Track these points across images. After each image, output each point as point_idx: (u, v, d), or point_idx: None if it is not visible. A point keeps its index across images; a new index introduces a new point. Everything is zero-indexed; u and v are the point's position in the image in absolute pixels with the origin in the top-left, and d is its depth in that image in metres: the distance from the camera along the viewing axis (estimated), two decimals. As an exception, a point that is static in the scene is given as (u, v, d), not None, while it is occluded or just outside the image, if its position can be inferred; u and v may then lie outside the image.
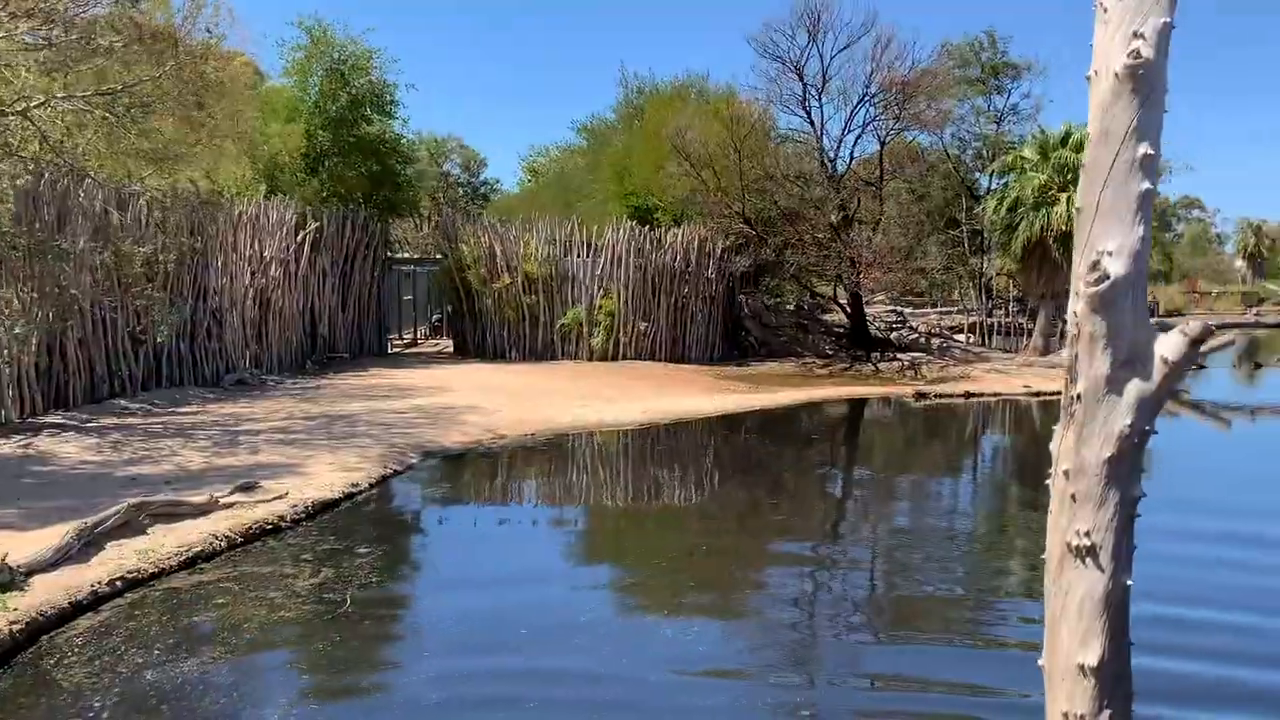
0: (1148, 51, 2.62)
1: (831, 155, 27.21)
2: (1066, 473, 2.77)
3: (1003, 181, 28.66)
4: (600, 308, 26.18)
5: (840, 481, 13.60)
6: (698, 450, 15.68)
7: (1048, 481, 2.88)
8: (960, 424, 19.23)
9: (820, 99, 26.08)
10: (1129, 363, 2.71)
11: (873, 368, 26.32)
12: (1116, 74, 2.66)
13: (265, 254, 21.19)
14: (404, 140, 28.20)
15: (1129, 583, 2.72)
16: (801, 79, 26.17)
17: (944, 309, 33.24)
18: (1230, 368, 30.98)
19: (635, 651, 6.57)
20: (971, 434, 18.45)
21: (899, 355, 27.20)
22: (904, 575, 8.63)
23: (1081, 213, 2.75)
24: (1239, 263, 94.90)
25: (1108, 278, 2.67)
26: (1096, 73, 2.72)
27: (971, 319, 30.12)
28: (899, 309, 31.24)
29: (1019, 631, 6.96)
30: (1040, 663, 2.81)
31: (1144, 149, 2.65)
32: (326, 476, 11.15)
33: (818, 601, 7.99)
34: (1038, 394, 21.76)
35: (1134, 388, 2.71)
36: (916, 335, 28.58)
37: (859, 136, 26.78)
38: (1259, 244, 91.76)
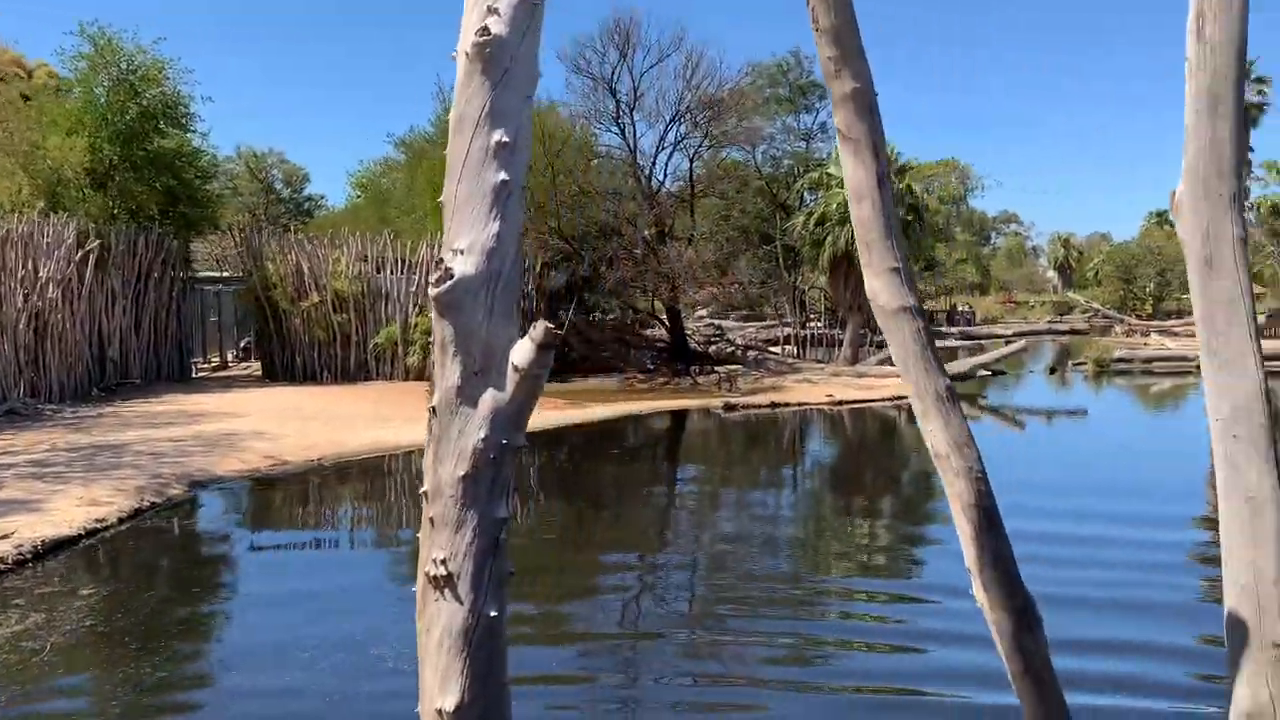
0: (499, 28, 2.42)
1: (646, 171, 27.48)
2: (425, 494, 2.50)
3: (812, 198, 29.57)
4: (416, 325, 25.63)
5: (645, 493, 13.57)
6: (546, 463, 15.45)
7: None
8: (764, 433, 19.63)
9: (633, 115, 26.34)
10: (483, 371, 2.48)
11: (691, 381, 26.66)
12: (467, 53, 2.46)
13: (40, 274, 19.84)
14: (204, 154, 26.96)
15: (494, 614, 2.44)
16: (614, 96, 26.38)
17: (765, 323, 34.06)
18: (1044, 373, 32.76)
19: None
20: (773, 442, 18.83)
21: (717, 368, 27.64)
22: (716, 576, 8.75)
23: (445, 208, 2.53)
24: (1051, 273, 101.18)
25: (451, 277, 2.45)
26: (455, 54, 2.51)
27: (787, 331, 30.92)
28: (717, 323, 31.81)
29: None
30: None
31: (499, 136, 2.43)
32: (69, 513, 10.39)
33: (639, 607, 7.98)
34: (840, 402, 22.45)
35: (489, 398, 2.47)
36: (734, 349, 29.13)
37: (672, 153, 27.19)
38: (1068, 255, 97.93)
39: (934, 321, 57.53)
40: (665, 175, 27.78)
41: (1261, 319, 45.97)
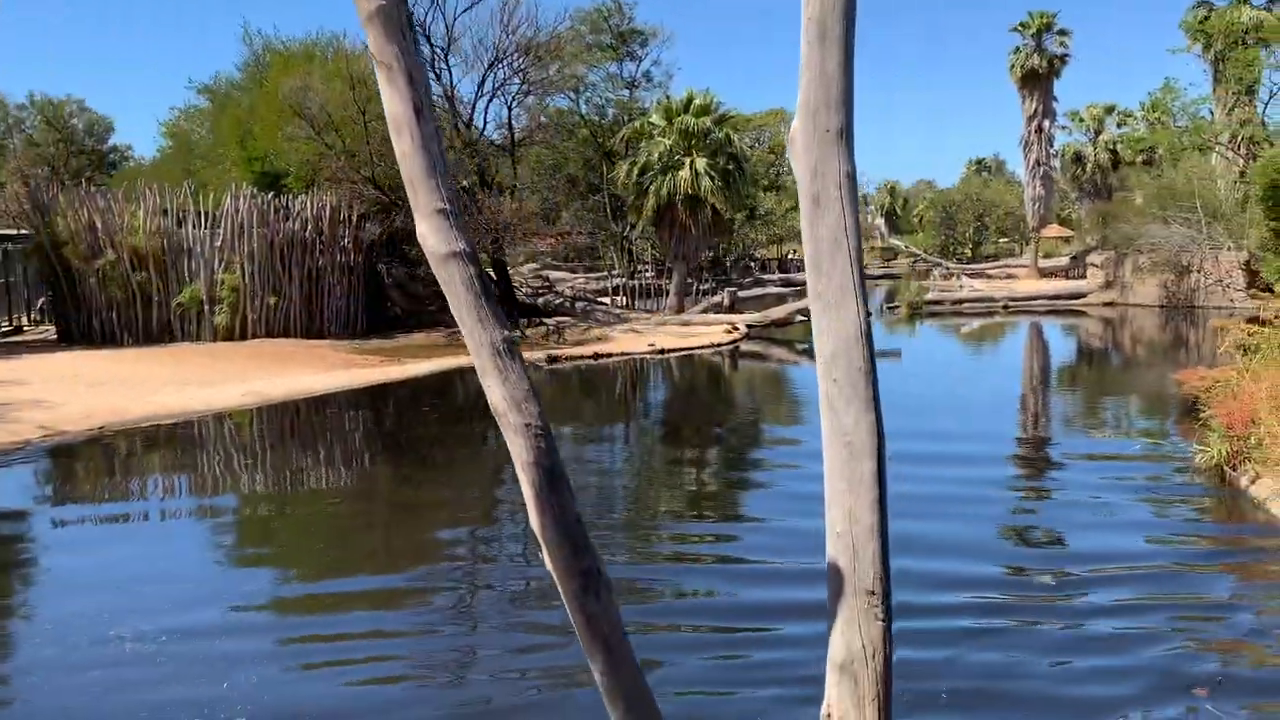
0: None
1: (466, 119, 26.71)
2: None
3: (636, 147, 29.43)
4: (223, 283, 24.32)
5: (462, 449, 13.20)
6: (292, 430, 14.82)
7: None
8: (585, 384, 19.53)
9: (448, 61, 25.49)
10: None
11: (519, 334, 26.32)
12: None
13: None
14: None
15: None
16: (429, 40, 25.43)
17: (596, 275, 33.88)
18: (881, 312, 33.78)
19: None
20: (593, 392, 18.75)
21: (545, 320, 27.37)
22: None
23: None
24: (879, 221, 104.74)
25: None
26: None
27: (616, 282, 30.86)
28: (546, 275, 31.46)
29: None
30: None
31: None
32: None
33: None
34: (662, 351, 22.57)
35: None
36: (562, 301, 28.88)
37: (490, 100, 26.50)
38: (894, 203, 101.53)
39: (764, 270, 58.70)
40: (485, 123, 27.09)
41: (1064, 260, 48.81)
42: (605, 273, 32.21)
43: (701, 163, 27.14)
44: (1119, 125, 55.26)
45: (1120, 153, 54.28)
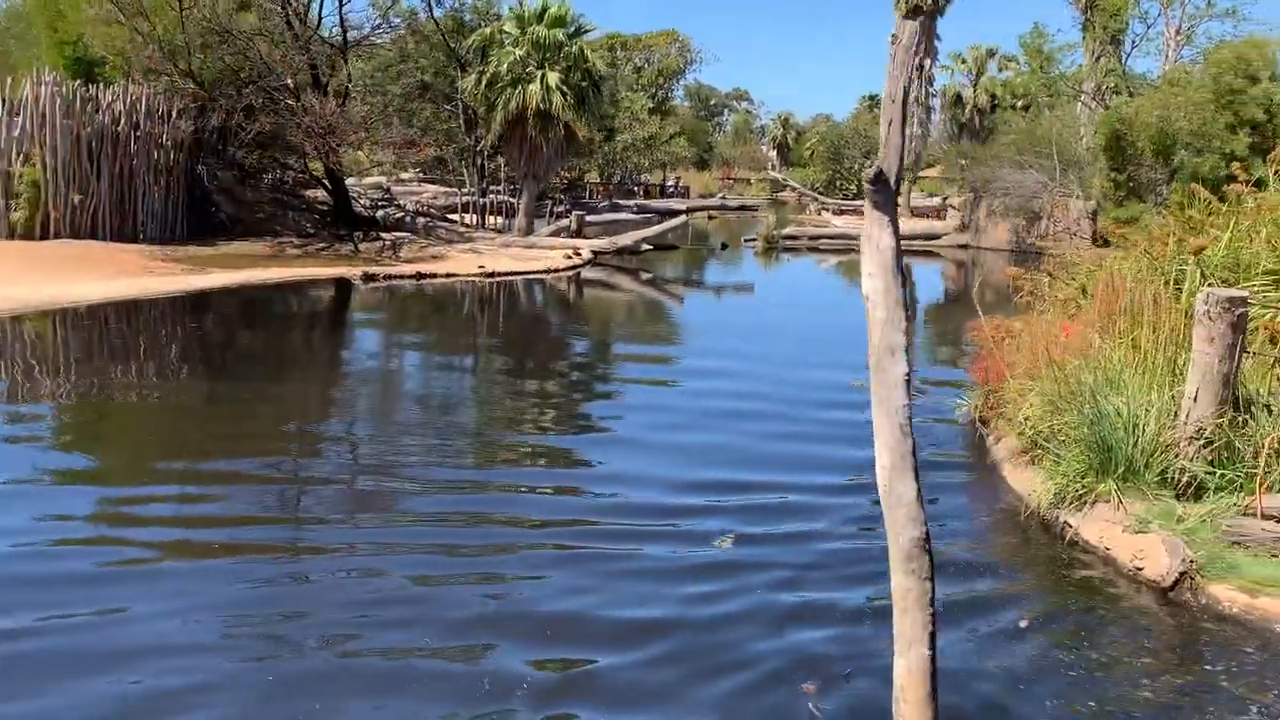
0: None
1: (299, 11, 24.86)
2: None
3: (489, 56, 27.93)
4: (21, 177, 22.29)
5: (166, 382, 12.05)
6: (54, 342, 13.49)
7: None
8: (390, 305, 18.49)
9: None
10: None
11: (353, 248, 24.98)
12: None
13: None
14: None
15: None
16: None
17: (448, 190, 32.43)
18: (717, 249, 33.24)
19: None
20: (399, 315, 17.72)
21: (383, 235, 26.05)
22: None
23: None
24: (771, 152, 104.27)
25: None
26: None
27: (466, 199, 29.56)
28: (386, 187, 29.98)
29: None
30: None
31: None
32: None
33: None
34: (491, 274, 21.62)
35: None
36: (404, 215, 27.51)
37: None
38: (785, 135, 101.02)
39: (648, 195, 57.79)
40: (320, 19, 25.23)
41: (937, 201, 49.17)
42: (452, 189, 30.87)
43: (554, 77, 25.90)
44: (1000, 69, 55.53)
45: (999, 97, 54.61)
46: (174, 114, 23.64)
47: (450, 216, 29.73)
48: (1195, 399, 7.01)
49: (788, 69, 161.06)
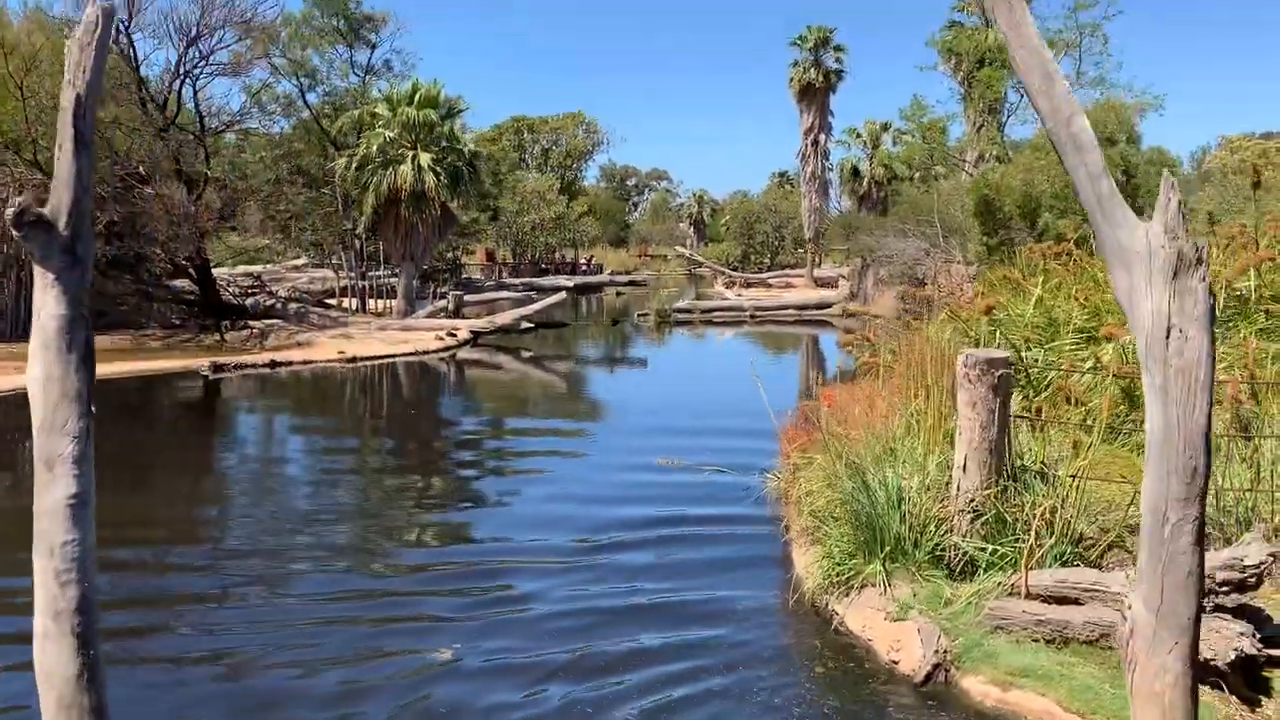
0: None
1: (161, 100, 24.23)
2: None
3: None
4: None
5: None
6: None
7: None
8: (239, 395, 17.57)
9: (129, 33, 22.94)
10: None
11: (219, 337, 24.09)
12: None
13: None
14: None
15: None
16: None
17: (320, 275, 31.67)
18: (608, 325, 32.84)
19: None
20: (227, 409, 16.78)
21: (252, 324, 25.14)
22: None
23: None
24: (687, 228, 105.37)
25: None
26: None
27: (343, 283, 28.83)
28: (256, 273, 29.18)
29: None
30: None
31: None
32: None
33: None
34: (352, 359, 20.84)
35: None
36: (275, 302, 26.67)
37: (183, 81, 24.06)
38: (701, 212, 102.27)
39: (559, 271, 57.54)
40: (180, 105, 24.60)
41: (836, 271, 49.66)
42: (327, 274, 30.12)
43: (426, 157, 25.51)
44: (894, 142, 56.84)
45: (894, 168, 55.85)
46: (18, 204, 22.69)
47: (329, 302, 28.94)
48: (964, 468, 6.55)
49: (705, 149, 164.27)
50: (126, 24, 22.83)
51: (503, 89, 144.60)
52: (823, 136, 52.02)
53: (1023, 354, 9.26)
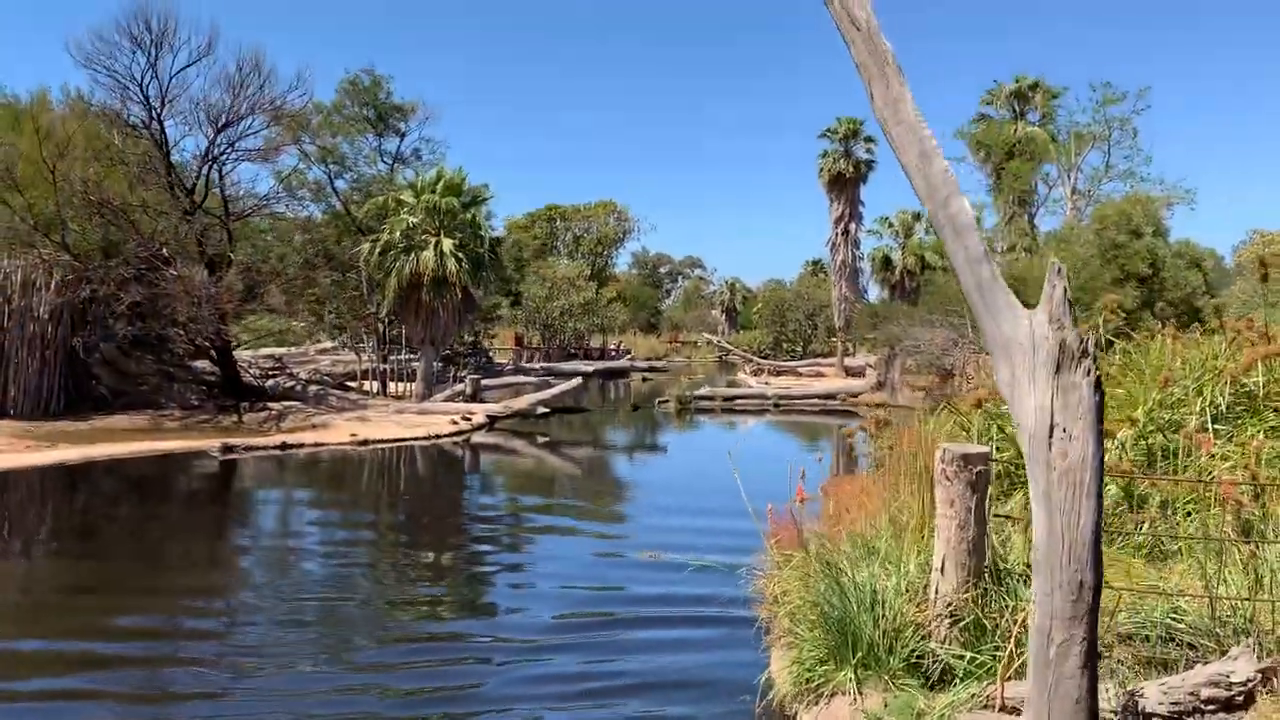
0: None
1: (190, 184, 24.75)
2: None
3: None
4: (-120, 352, 21.50)
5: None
6: None
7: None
8: (238, 480, 17.42)
9: (161, 121, 23.57)
10: None
11: (237, 418, 24.16)
12: None
13: None
14: None
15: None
16: (145, 98, 23.53)
17: (339, 358, 31.86)
18: (629, 411, 32.62)
19: None
20: (234, 491, 16.63)
21: (271, 405, 25.22)
22: None
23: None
24: (719, 315, 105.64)
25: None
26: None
27: (365, 365, 28.95)
28: (278, 355, 29.40)
29: None
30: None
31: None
32: None
33: None
34: (364, 442, 20.73)
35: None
36: (295, 384, 26.78)
37: (210, 167, 24.59)
38: (734, 299, 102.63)
39: (589, 357, 57.63)
40: (209, 189, 25.10)
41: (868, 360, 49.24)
42: (350, 356, 30.31)
43: (448, 243, 25.76)
44: (926, 232, 56.79)
45: (927, 258, 55.70)
46: (50, 287, 23.12)
47: (350, 384, 29.04)
48: (942, 570, 6.18)
49: (739, 238, 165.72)
50: (159, 110, 23.48)
51: (539, 178, 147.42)
52: (853, 225, 52.11)
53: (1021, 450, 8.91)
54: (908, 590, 6.39)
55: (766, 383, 41.77)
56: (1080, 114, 36.47)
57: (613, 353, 60.06)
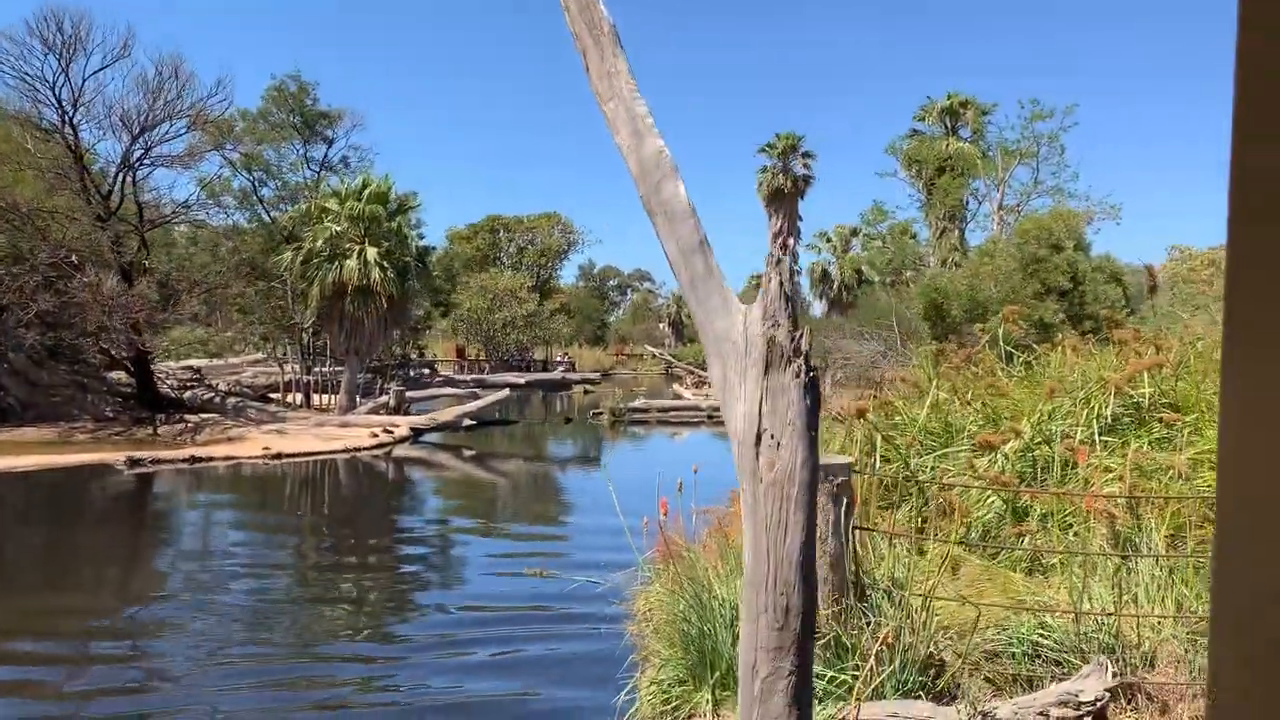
0: None
1: (106, 190, 24.06)
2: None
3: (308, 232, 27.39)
4: None
5: None
6: None
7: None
8: (128, 496, 16.83)
9: (74, 125, 22.87)
10: None
11: (152, 431, 23.47)
12: None
13: None
14: None
15: None
16: (58, 100, 22.83)
17: (263, 369, 31.16)
18: (560, 423, 32.31)
19: None
20: (119, 506, 16.06)
21: (188, 417, 24.55)
22: None
23: None
24: (665, 328, 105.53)
25: None
26: None
27: (288, 377, 28.32)
28: (197, 367, 28.69)
29: None
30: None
31: None
32: None
33: None
34: (277, 456, 20.20)
35: None
36: (213, 395, 26.10)
37: (129, 171, 23.92)
38: (679, 312, 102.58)
39: (541, 368, 57.20)
40: (123, 195, 24.38)
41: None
42: (271, 368, 29.65)
43: (372, 252, 25.29)
44: (863, 247, 57.27)
45: (864, 272, 56.19)
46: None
47: (273, 396, 28.39)
48: (805, 586, 6.01)
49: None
50: (71, 114, 22.78)
51: (482, 188, 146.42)
52: (791, 240, 52.45)
53: (909, 461, 8.81)
54: (773, 607, 6.20)
55: (700, 396, 41.68)
56: (1009, 131, 36.91)
57: (559, 364, 59.68)
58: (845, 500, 5.95)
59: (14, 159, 22.09)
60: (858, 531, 6.38)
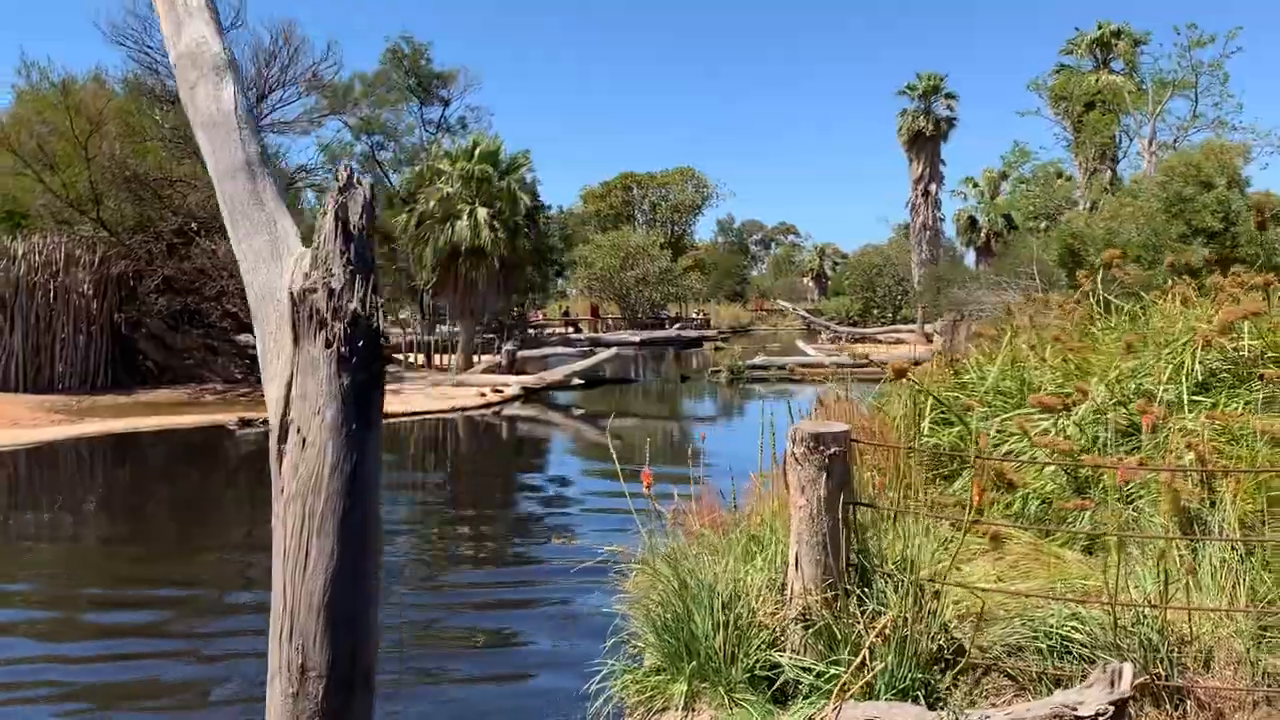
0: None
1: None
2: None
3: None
4: (-71, 330, 22.16)
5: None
6: None
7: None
8: (224, 456, 17.30)
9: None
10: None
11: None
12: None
13: None
14: None
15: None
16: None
17: (390, 328, 31.76)
18: (677, 381, 31.89)
19: None
20: (217, 466, 16.51)
21: (311, 377, 25.27)
22: None
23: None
24: (809, 282, 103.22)
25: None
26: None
27: (409, 337, 28.80)
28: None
29: None
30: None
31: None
32: None
33: None
34: (386, 416, 20.45)
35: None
36: (336, 355, 26.73)
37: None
38: (823, 265, 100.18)
39: (646, 326, 56.99)
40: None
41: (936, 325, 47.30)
42: (394, 328, 30.24)
43: (483, 213, 25.28)
44: (1012, 191, 54.26)
45: (1015, 219, 53.25)
46: (95, 263, 23.47)
47: (396, 357, 28.96)
48: (798, 568, 5.35)
49: (832, 203, 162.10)
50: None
51: (616, 148, 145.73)
52: (934, 186, 50.14)
53: (971, 425, 7.93)
54: (768, 589, 5.57)
55: (830, 351, 40.40)
56: (1165, 60, 33.83)
57: (682, 322, 59.10)
58: (841, 473, 5.26)
59: (142, 132, 22.97)
60: (869, 510, 5.69)
